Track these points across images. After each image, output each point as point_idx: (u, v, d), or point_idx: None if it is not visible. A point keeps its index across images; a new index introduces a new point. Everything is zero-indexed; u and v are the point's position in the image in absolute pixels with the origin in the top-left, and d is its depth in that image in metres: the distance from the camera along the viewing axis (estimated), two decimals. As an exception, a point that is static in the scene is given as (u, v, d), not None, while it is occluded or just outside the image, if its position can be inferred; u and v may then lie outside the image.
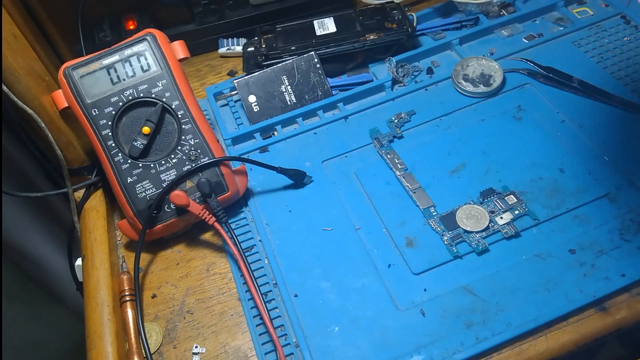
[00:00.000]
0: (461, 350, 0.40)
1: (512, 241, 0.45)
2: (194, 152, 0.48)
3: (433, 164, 0.51)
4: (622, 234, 0.44)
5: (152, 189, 0.47)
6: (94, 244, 0.50)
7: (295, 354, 0.42)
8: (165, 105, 0.47)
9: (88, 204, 0.53)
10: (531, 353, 0.41)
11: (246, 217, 0.50)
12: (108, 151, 0.47)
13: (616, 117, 0.52)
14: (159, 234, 0.49)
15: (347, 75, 0.61)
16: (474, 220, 0.46)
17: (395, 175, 0.51)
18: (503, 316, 0.41)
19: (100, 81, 0.47)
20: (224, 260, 0.49)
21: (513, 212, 0.46)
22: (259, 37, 0.62)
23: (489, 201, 0.47)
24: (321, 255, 0.47)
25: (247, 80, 0.57)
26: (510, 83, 0.57)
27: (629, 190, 0.47)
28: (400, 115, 0.55)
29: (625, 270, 0.42)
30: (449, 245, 0.45)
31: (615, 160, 0.49)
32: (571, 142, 0.50)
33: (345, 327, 0.42)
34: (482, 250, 0.45)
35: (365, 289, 0.44)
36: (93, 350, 0.43)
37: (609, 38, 0.59)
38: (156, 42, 0.48)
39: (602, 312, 0.42)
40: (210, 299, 0.47)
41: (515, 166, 0.50)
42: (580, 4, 0.64)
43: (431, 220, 0.47)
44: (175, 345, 0.44)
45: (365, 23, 0.60)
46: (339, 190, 0.51)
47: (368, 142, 0.54)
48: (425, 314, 0.42)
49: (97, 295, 0.46)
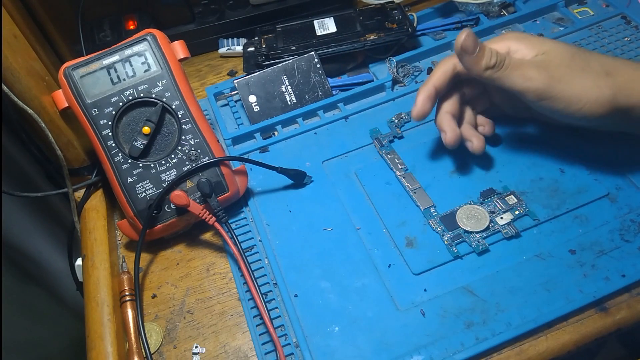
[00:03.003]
0: (461, 350, 0.40)
1: (513, 241, 0.45)
2: (194, 152, 0.48)
3: (433, 164, 0.51)
4: (623, 234, 0.44)
5: (152, 189, 0.47)
6: (94, 243, 0.50)
7: (295, 354, 0.42)
8: (165, 105, 0.47)
9: (88, 204, 0.53)
10: (531, 353, 0.41)
11: (246, 217, 0.50)
12: (108, 151, 0.47)
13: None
14: (159, 234, 0.49)
15: (348, 75, 0.61)
16: (474, 220, 0.46)
17: (396, 176, 0.51)
18: (503, 316, 0.41)
19: (100, 81, 0.47)
20: (224, 260, 0.49)
21: (513, 212, 0.46)
22: (259, 37, 0.62)
23: (489, 201, 0.47)
24: (321, 255, 0.47)
25: (248, 80, 0.57)
26: (510, 83, 0.56)
27: (629, 191, 0.47)
28: (400, 116, 0.55)
29: (625, 271, 0.42)
30: (449, 246, 0.45)
31: (615, 160, 0.49)
32: (571, 142, 0.50)
33: (345, 327, 0.42)
34: (483, 251, 0.45)
35: (365, 289, 0.44)
36: (93, 350, 0.43)
37: (609, 38, 0.59)
38: (156, 42, 0.48)
39: (602, 312, 0.42)
40: (210, 299, 0.47)
41: (516, 166, 0.50)
42: (581, 4, 0.64)
43: (431, 220, 0.47)
44: (176, 345, 0.44)
45: (366, 23, 0.60)
46: (339, 190, 0.51)
47: (368, 142, 0.54)
48: (425, 314, 0.42)
49: (97, 295, 0.46)
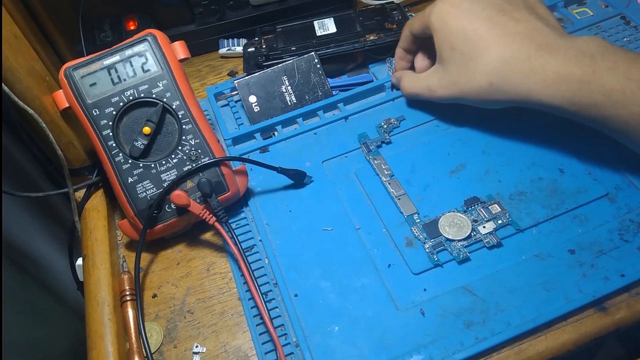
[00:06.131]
0: (461, 350, 0.40)
1: (512, 241, 0.45)
2: (194, 152, 0.48)
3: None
4: (622, 234, 0.44)
5: (153, 189, 0.47)
6: (94, 243, 0.50)
7: (295, 354, 0.42)
8: (165, 106, 0.48)
9: (89, 204, 0.53)
10: (531, 353, 0.41)
11: (246, 217, 0.51)
12: (109, 151, 0.47)
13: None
14: (160, 234, 0.49)
15: (348, 75, 0.61)
16: (457, 228, 0.46)
17: (381, 181, 0.51)
18: (502, 316, 0.41)
19: (101, 81, 0.47)
20: (224, 260, 0.49)
21: (496, 221, 0.46)
22: (259, 38, 0.62)
23: (473, 209, 0.47)
24: (321, 255, 0.47)
25: (248, 80, 0.57)
26: (510, 83, 0.56)
27: (628, 190, 0.47)
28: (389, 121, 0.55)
29: (624, 270, 0.42)
30: (430, 254, 0.45)
31: (615, 160, 0.49)
32: (571, 142, 0.50)
33: (345, 326, 0.42)
34: (463, 259, 0.44)
35: (365, 288, 0.44)
36: (94, 350, 0.43)
37: (609, 39, 0.59)
38: (157, 42, 0.48)
39: (601, 312, 0.42)
40: (210, 298, 0.47)
41: (515, 166, 0.50)
42: (580, 4, 0.64)
43: (414, 227, 0.47)
44: (176, 345, 0.44)
45: (366, 23, 0.60)
46: (339, 190, 0.51)
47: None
48: (425, 313, 0.42)
49: (97, 295, 0.46)
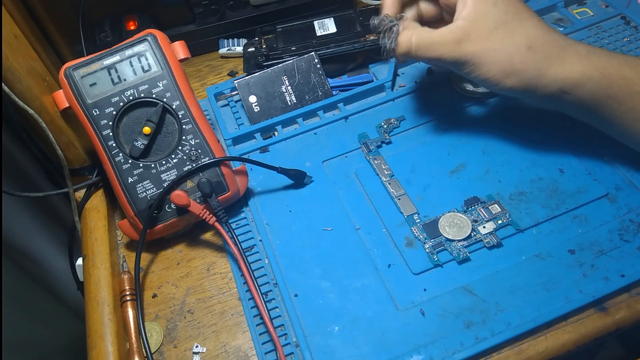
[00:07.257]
0: (461, 350, 0.40)
1: (512, 241, 0.45)
2: (194, 152, 0.48)
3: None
4: (622, 234, 0.44)
5: (153, 188, 0.47)
6: (94, 243, 0.50)
7: (295, 354, 0.42)
8: (165, 106, 0.48)
9: (89, 204, 0.53)
10: (531, 353, 0.41)
11: (246, 217, 0.51)
12: (109, 151, 0.47)
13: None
14: (160, 234, 0.49)
15: (348, 75, 0.61)
16: (457, 228, 0.46)
17: (381, 181, 0.51)
18: (502, 316, 0.41)
19: (101, 81, 0.47)
20: (224, 260, 0.49)
21: (496, 221, 0.46)
22: (259, 38, 0.62)
23: (473, 210, 0.47)
24: (321, 255, 0.47)
25: (248, 80, 0.57)
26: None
27: (628, 191, 0.47)
28: (389, 121, 0.55)
29: (624, 271, 0.42)
30: (430, 254, 0.45)
31: (615, 160, 0.49)
32: (571, 142, 0.50)
33: (345, 326, 0.42)
34: (463, 259, 0.44)
35: (365, 288, 0.44)
36: (94, 350, 0.43)
37: (609, 39, 0.59)
38: (157, 42, 0.48)
39: (601, 312, 0.42)
40: (210, 298, 0.47)
41: (515, 166, 0.50)
42: (580, 4, 0.64)
43: (414, 227, 0.47)
44: (176, 345, 0.44)
45: (366, 24, 0.60)
46: (339, 190, 0.51)
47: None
48: (425, 313, 0.42)
49: (97, 295, 0.46)
